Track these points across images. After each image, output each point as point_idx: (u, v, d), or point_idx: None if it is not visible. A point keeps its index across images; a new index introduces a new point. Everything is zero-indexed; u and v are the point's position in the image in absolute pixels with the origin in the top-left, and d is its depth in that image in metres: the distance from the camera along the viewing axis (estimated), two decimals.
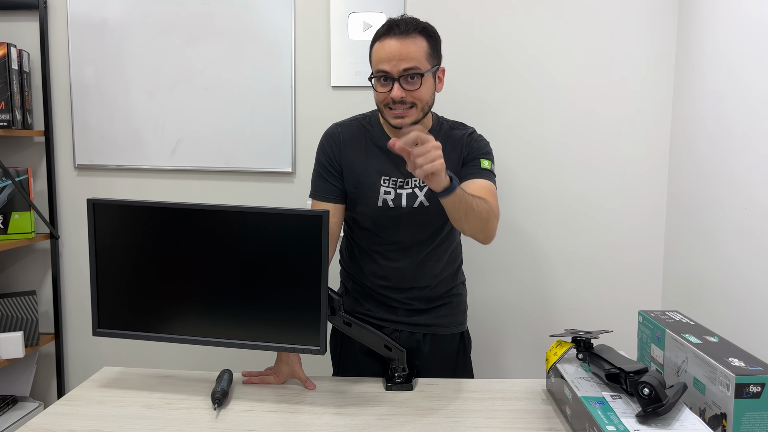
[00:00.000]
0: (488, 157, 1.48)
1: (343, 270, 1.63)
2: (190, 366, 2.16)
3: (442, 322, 1.56)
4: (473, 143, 1.48)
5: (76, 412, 1.26)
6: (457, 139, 1.48)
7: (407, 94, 1.34)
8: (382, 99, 1.38)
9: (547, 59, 2.03)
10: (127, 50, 2.11)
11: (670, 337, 1.24)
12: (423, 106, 1.38)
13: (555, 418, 1.24)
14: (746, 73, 1.57)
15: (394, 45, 1.33)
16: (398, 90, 1.33)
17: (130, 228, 1.32)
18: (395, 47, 1.33)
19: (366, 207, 1.47)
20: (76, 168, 2.18)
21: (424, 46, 1.36)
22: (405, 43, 1.33)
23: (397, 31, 1.34)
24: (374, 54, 1.38)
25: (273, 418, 1.25)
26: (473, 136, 1.50)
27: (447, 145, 1.46)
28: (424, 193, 1.45)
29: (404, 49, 1.33)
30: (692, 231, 1.86)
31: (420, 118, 1.39)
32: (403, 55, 1.33)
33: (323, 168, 1.49)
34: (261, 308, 1.29)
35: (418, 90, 1.35)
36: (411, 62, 1.33)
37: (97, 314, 1.34)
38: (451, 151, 1.46)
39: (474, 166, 1.45)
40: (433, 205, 1.44)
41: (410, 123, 1.37)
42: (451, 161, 1.44)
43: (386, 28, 1.36)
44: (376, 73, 1.37)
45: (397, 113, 1.36)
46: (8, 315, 2.10)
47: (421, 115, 1.39)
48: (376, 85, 1.38)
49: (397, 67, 1.33)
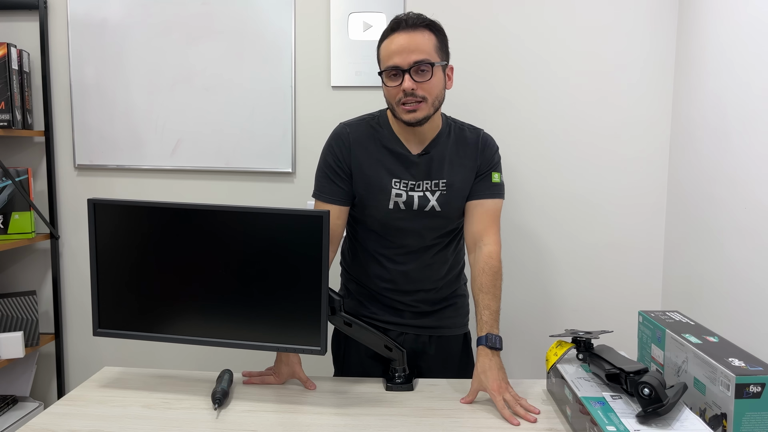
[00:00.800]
0: (498, 167, 1.49)
1: (345, 272, 1.62)
2: (190, 366, 2.16)
3: (447, 324, 1.56)
4: (486, 150, 1.48)
5: (76, 412, 1.26)
6: (470, 142, 1.47)
7: (418, 86, 1.33)
8: (393, 94, 1.36)
9: (547, 59, 2.03)
10: (127, 50, 2.11)
11: (670, 337, 1.24)
12: (433, 100, 1.37)
13: (555, 418, 1.24)
14: (746, 73, 1.57)
15: (403, 38, 1.33)
16: (409, 81, 1.33)
17: (130, 228, 1.32)
18: (404, 41, 1.33)
19: (376, 210, 1.45)
20: (76, 168, 2.18)
21: (432, 39, 1.36)
22: (413, 36, 1.33)
23: (405, 25, 1.34)
24: (383, 50, 1.37)
25: (273, 418, 1.25)
26: (486, 140, 1.49)
27: (459, 149, 1.46)
28: (436, 197, 1.44)
29: (413, 41, 1.33)
30: (692, 231, 1.86)
31: (431, 114, 1.38)
32: (412, 47, 1.32)
33: (330, 169, 1.46)
34: (261, 308, 1.29)
35: (428, 82, 1.34)
36: (421, 54, 1.33)
37: (97, 314, 1.34)
38: (464, 157, 1.46)
39: (486, 180, 1.46)
40: (444, 210, 1.44)
41: (422, 117, 1.36)
42: (465, 168, 1.45)
43: (393, 24, 1.36)
44: (386, 69, 1.36)
45: (409, 107, 1.35)
46: (8, 315, 2.10)
47: (432, 110, 1.38)
48: (387, 80, 1.37)
49: (407, 59, 1.32)
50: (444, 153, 1.45)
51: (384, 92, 1.40)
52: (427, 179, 1.44)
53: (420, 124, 1.39)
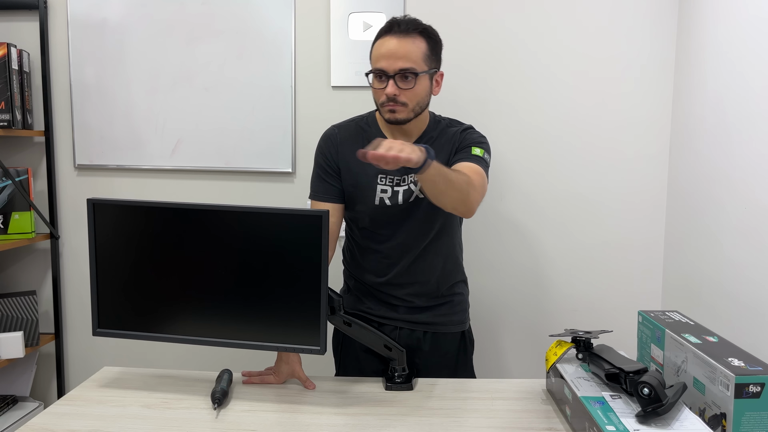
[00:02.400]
0: (481, 146, 1.46)
1: (346, 269, 1.64)
2: (190, 366, 2.16)
3: (442, 321, 1.56)
4: (467, 136, 1.49)
5: (76, 412, 1.26)
6: (451, 135, 1.49)
7: (400, 93, 1.37)
8: (378, 95, 1.41)
9: (546, 59, 2.03)
10: (127, 50, 2.11)
11: (670, 337, 1.24)
12: (414, 106, 1.40)
13: (555, 418, 1.24)
14: (746, 72, 1.57)
15: (393, 43, 1.36)
16: (392, 87, 1.36)
17: (130, 228, 1.32)
18: (393, 46, 1.36)
19: (364, 206, 1.48)
20: (76, 168, 2.18)
21: (422, 47, 1.38)
22: (404, 42, 1.36)
23: (398, 30, 1.36)
24: (374, 51, 1.40)
25: (273, 418, 1.25)
26: (468, 131, 1.51)
27: (442, 142, 1.48)
28: (419, 186, 1.45)
29: (402, 48, 1.35)
30: (692, 231, 1.86)
31: (410, 118, 1.42)
32: (400, 54, 1.35)
33: (321, 169, 1.51)
34: (261, 308, 1.29)
35: (411, 90, 1.38)
36: (407, 62, 1.36)
37: (97, 314, 1.34)
38: (445, 144, 1.47)
39: (464, 152, 1.45)
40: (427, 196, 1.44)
41: (402, 119, 1.40)
42: (443, 154, 1.46)
43: (387, 26, 1.39)
44: (373, 70, 1.40)
45: (390, 107, 1.39)
46: (8, 315, 2.10)
47: (412, 114, 1.41)
48: (373, 81, 1.41)
49: (393, 65, 1.35)
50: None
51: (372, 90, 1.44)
52: (411, 172, 1.42)
53: (402, 124, 1.43)
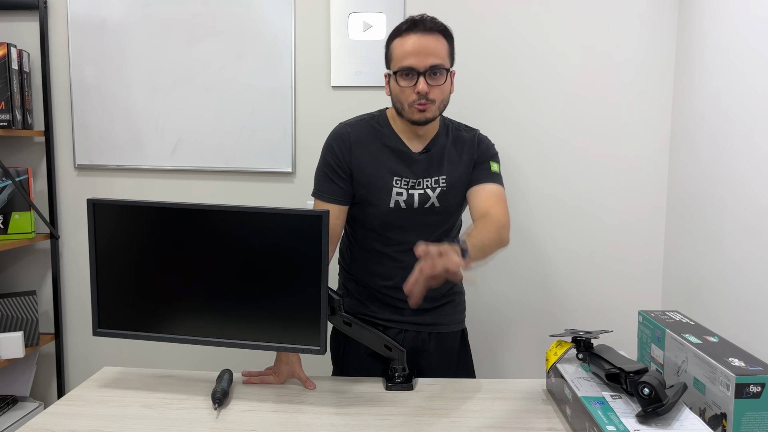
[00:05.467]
0: (496, 159, 1.51)
1: (344, 271, 1.62)
2: (190, 366, 2.16)
3: (446, 320, 1.57)
4: (482, 145, 1.51)
5: (76, 412, 1.26)
6: (466, 141, 1.50)
7: (431, 90, 1.35)
8: (407, 95, 1.37)
9: (547, 59, 2.03)
10: (127, 50, 2.11)
11: (670, 337, 1.24)
12: (440, 104, 1.40)
13: (555, 418, 1.24)
14: (746, 72, 1.57)
15: (420, 40, 1.34)
16: (424, 84, 1.34)
17: (130, 228, 1.32)
18: (422, 42, 1.34)
19: (377, 209, 1.46)
20: (76, 168, 2.18)
21: (445, 44, 1.38)
22: (429, 39, 1.35)
23: (422, 27, 1.35)
24: (396, 49, 1.38)
25: (273, 418, 1.25)
26: (481, 137, 1.53)
27: (456, 147, 1.48)
28: (436, 194, 1.45)
29: (430, 45, 1.35)
30: (692, 231, 1.86)
31: (437, 116, 1.41)
32: (429, 51, 1.34)
33: (330, 168, 1.46)
34: (261, 308, 1.29)
35: (441, 86, 1.37)
36: (437, 58, 1.35)
37: (97, 314, 1.34)
38: (463, 153, 1.48)
39: (484, 169, 1.48)
40: (443, 205, 1.46)
41: (431, 117, 1.39)
42: (462, 163, 1.47)
43: (409, 24, 1.37)
44: (400, 68, 1.36)
45: (420, 106, 1.36)
46: (8, 315, 2.10)
47: (438, 112, 1.41)
48: (400, 80, 1.37)
49: (424, 62, 1.34)
50: (443, 150, 1.47)
51: (391, 91, 1.41)
52: (427, 176, 1.45)
53: (428, 123, 1.41)
